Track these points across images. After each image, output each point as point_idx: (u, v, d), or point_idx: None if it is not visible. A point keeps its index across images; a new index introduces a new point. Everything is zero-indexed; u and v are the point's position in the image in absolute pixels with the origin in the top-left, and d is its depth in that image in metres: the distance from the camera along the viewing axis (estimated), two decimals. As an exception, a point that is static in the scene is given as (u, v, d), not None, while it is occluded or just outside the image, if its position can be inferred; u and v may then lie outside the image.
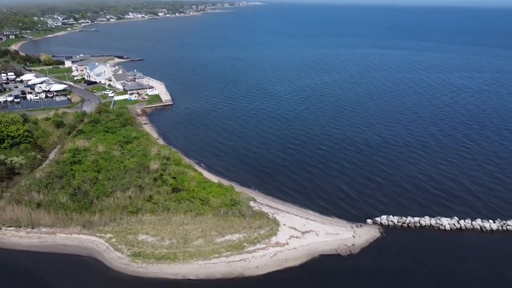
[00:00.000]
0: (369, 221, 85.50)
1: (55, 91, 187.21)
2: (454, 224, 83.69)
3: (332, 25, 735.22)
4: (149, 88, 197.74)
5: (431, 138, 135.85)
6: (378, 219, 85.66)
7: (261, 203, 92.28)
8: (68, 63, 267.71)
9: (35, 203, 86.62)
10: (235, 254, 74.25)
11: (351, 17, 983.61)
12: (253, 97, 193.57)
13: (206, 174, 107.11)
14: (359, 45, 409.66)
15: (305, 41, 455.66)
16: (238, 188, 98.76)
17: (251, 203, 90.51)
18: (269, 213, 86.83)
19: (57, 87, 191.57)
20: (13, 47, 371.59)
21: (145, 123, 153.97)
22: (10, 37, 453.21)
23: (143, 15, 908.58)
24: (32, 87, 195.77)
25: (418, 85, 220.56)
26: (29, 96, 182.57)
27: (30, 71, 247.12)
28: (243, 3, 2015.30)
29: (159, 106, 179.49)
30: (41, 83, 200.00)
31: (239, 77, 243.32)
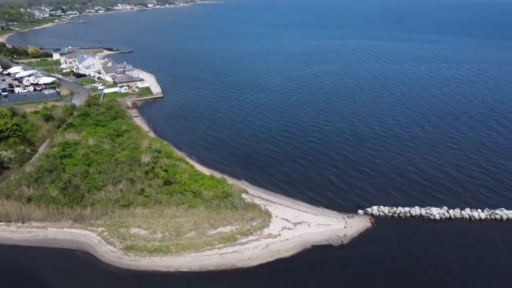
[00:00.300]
0: (360, 211, 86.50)
1: (44, 84, 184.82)
2: (443, 213, 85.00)
3: (324, 17, 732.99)
4: (139, 80, 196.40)
5: (420, 129, 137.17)
6: (369, 209, 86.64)
7: (253, 195, 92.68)
8: (56, 56, 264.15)
9: (25, 198, 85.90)
10: (228, 246, 74.68)
11: (343, 9, 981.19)
12: (243, 89, 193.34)
13: (198, 166, 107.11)
14: (350, 36, 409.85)
15: (296, 32, 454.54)
16: (230, 180, 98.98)
17: (243, 195, 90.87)
18: (261, 205, 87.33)
19: (46, 80, 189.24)
20: (0, 39, 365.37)
21: (135, 116, 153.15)
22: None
23: (132, 7, 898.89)
24: (20, 80, 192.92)
25: (407, 76, 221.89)
26: (17, 89, 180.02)
27: (17, 63, 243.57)
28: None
29: (150, 98, 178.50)
30: (29, 76, 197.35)
31: (230, 69, 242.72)
